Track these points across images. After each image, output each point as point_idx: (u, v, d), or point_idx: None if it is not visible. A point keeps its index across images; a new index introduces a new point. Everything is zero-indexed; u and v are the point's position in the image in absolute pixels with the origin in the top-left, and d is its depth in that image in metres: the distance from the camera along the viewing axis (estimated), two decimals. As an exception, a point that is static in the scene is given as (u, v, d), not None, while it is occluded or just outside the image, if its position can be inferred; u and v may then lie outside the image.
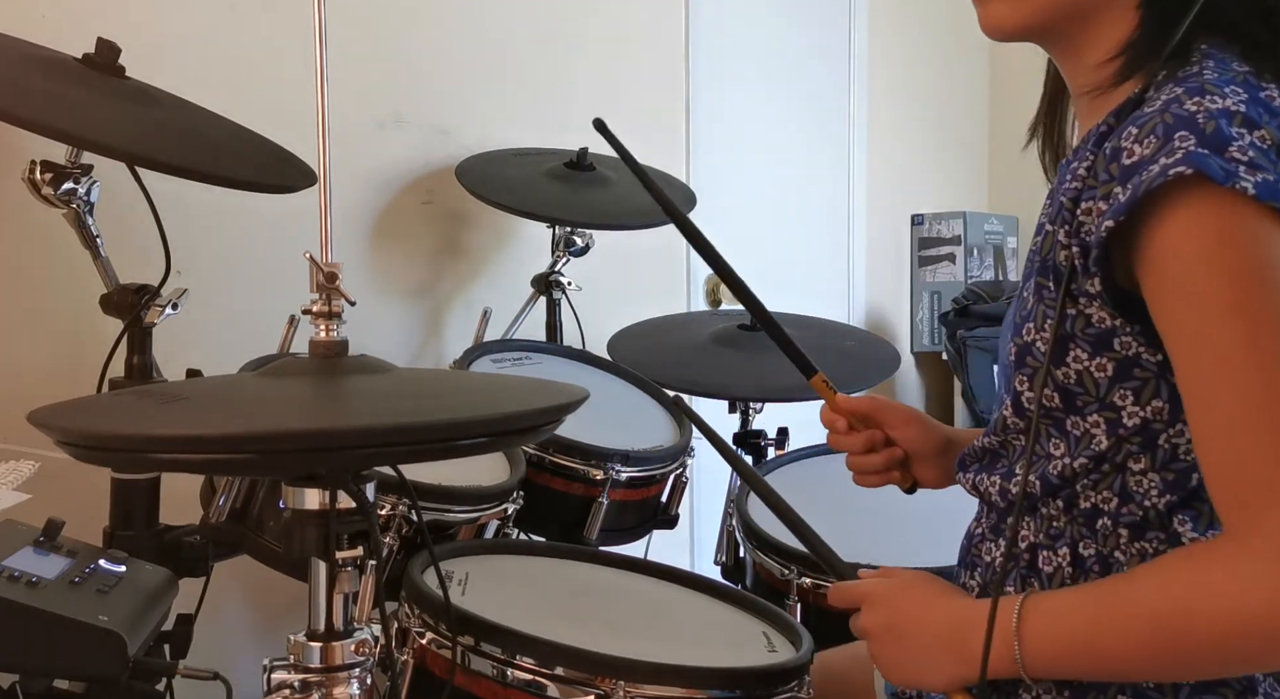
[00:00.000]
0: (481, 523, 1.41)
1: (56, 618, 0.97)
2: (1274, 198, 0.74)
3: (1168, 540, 0.85)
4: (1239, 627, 0.74)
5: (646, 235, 2.16)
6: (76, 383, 1.57)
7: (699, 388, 1.92)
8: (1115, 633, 0.80)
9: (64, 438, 0.80)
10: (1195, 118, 0.77)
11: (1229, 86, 0.79)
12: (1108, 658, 0.81)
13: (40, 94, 1.25)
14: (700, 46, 2.70)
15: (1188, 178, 0.75)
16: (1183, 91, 0.79)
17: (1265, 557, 0.73)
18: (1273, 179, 0.74)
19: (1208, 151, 0.75)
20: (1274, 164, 0.75)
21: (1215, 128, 0.76)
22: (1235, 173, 0.74)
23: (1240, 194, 0.74)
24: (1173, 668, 0.81)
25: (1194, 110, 0.77)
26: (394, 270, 2.11)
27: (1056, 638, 0.83)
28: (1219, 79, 0.80)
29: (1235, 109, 0.77)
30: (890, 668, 0.93)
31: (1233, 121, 0.76)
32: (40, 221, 1.51)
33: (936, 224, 3.44)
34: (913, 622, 0.91)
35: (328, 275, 0.95)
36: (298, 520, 0.91)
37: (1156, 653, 0.79)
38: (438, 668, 1.05)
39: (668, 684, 0.99)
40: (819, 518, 1.05)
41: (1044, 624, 0.83)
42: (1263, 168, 0.75)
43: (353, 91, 1.95)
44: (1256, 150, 0.75)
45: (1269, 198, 0.74)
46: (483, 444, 0.87)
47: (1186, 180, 0.75)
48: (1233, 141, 0.75)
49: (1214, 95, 0.78)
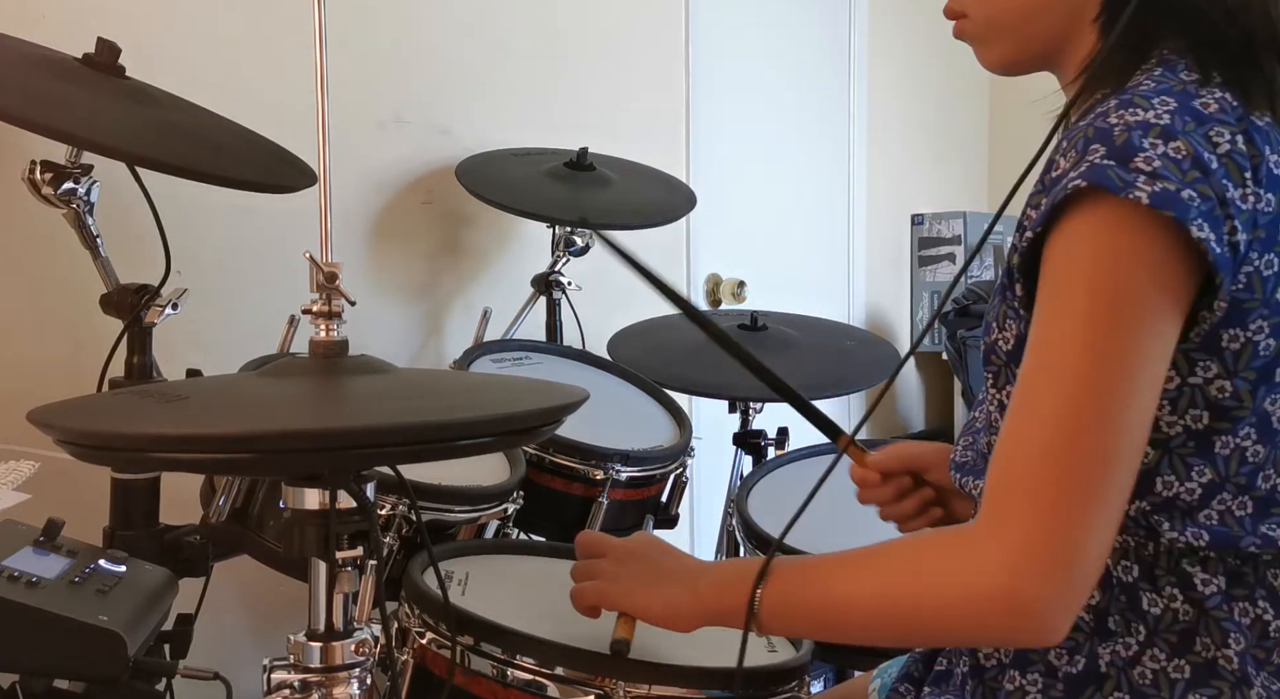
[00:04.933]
0: (481, 523, 1.41)
1: (56, 618, 0.97)
2: (1169, 206, 0.75)
3: (1147, 538, 0.85)
4: (971, 606, 0.78)
5: (646, 235, 2.16)
6: (76, 383, 1.57)
7: (699, 388, 1.92)
8: (849, 600, 0.86)
9: (64, 438, 0.80)
10: (1112, 131, 0.79)
11: (1158, 97, 0.80)
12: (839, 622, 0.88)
13: (40, 94, 1.25)
14: (700, 46, 2.70)
15: (1083, 190, 0.77)
16: (1115, 104, 0.81)
17: (1007, 545, 0.77)
18: (1173, 188, 0.75)
19: (1112, 162, 0.77)
20: (1184, 174, 0.76)
21: (1126, 139, 0.78)
22: (1133, 183, 0.76)
23: (1135, 203, 0.75)
24: (897, 637, 0.89)
25: (1114, 123, 0.79)
26: (394, 270, 2.11)
27: (792, 599, 0.90)
28: (1152, 90, 0.81)
29: (1155, 121, 0.78)
30: (607, 587, 0.98)
31: (1148, 133, 0.78)
32: (40, 221, 1.51)
33: (936, 224, 3.44)
34: (657, 551, 1.01)
35: (328, 275, 0.94)
36: (298, 520, 0.91)
37: (889, 623, 0.85)
38: (438, 668, 1.05)
39: (668, 684, 0.99)
40: (819, 518, 1.05)
41: (783, 583, 0.89)
42: (1165, 178, 0.76)
43: (353, 91, 1.95)
44: (1164, 161, 0.76)
45: (1163, 206, 0.75)
46: (483, 444, 0.87)
47: (1082, 192, 0.77)
48: (1140, 152, 0.77)
49: (1138, 107, 0.79)
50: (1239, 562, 0.85)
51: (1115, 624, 0.86)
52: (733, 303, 2.82)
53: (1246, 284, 0.80)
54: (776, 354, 1.90)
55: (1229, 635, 0.83)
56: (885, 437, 3.26)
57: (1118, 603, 0.86)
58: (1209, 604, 0.84)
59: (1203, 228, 0.76)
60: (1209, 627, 0.84)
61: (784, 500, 1.57)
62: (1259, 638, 0.84)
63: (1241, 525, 0.84)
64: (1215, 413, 0.83)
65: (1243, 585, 0.85)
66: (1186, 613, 0.84)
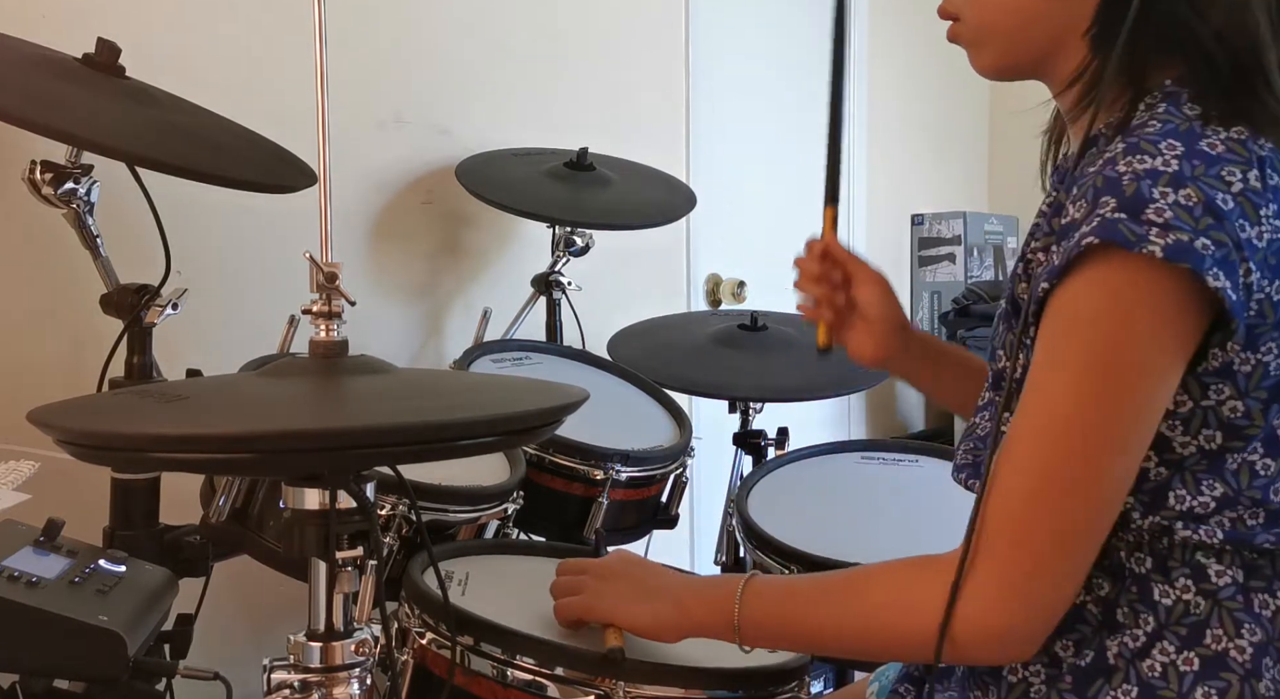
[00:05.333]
0: (481, 523, 1.41)
1: (56, 618, 0.97)
2: (1184, 258, 0.76)
3: (1162, 534, 0.86)
4: (950, 631, 0.83)
5: (646, 235, 2.16)
6: (76, 383, 1.57)
7: (699, 388, 1.92)
8: (829, 625, 0.92)
9: (64, 438, 0.80)
10: (1121, 180, 0.79)
11: (1165, 140, 0.80)
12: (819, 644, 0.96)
13: (40, 94, 1.25)
14: (700, 46, 2.70)
15: (1096, 246, 0.78)
16: (1123, 148, 0.81)
17: (992, 578, 0.82)
18: (1187, 239, 0.76)
19: (1124, 216, 0.77)
20: (1196, 222, 0.77)
21: (1135, 190, 0.78)
22: (1145, 236, 0.76)
23: (1148, 257, 0.76)
24: (873, 655, 0.95)
25: (1123, 171, 0.79)
26: (394, 270, 2.11)
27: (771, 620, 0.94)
28: (1159, 132, 0.81)
29: (1164, 169, 0.78)
30: (593, 602, 1.02)
31: (1158, 182, 0.78)
32: (40, 221, 1.51)
33: (936, 224, 3.44)
34: (639, 568, 1.06)
35: (328, 275, 0.94)
36: (298, 520, 0.91)
37: (866, 645, 0.91)
38: (438, 668, 1.05)
39: (668, 684, 0.99)
40: (818, 518, 1.05)
41: (765, 605, 0.94)
42: (1179, 228, 0.76)
43: (353, 91, 1.95)
44: (1177, 210, 0.77)
45: (1178, 258, 0.76)
46: (483, 444, 0.87)
47: (1095, 248, 0.78)
48: (1151, 203, 0.77)
49: (1146, 154, 0.79)
50: (1255, 555, 0.85)
51: (1124, 616, 0.86)
52: (733, 303, 2.82)
53: (1258, 311, 0.80)
54: (776, 354, 1.90)
55: (1243, 626, 0.84)
56: (886, 437, 3.26)
57: (1128, 594, 0.86)
58: (1222, 596, 0.84)
59: (1218, 276, 0.76)
60: (1222, 618, 0.84)
61: (784, 500, 1.57)
62: None
63: (1253, 530, 0.84)
64: (1228, 432, 0.84)
65: (1260, 577, 0.85)
66: (1198, 605, 0.85)
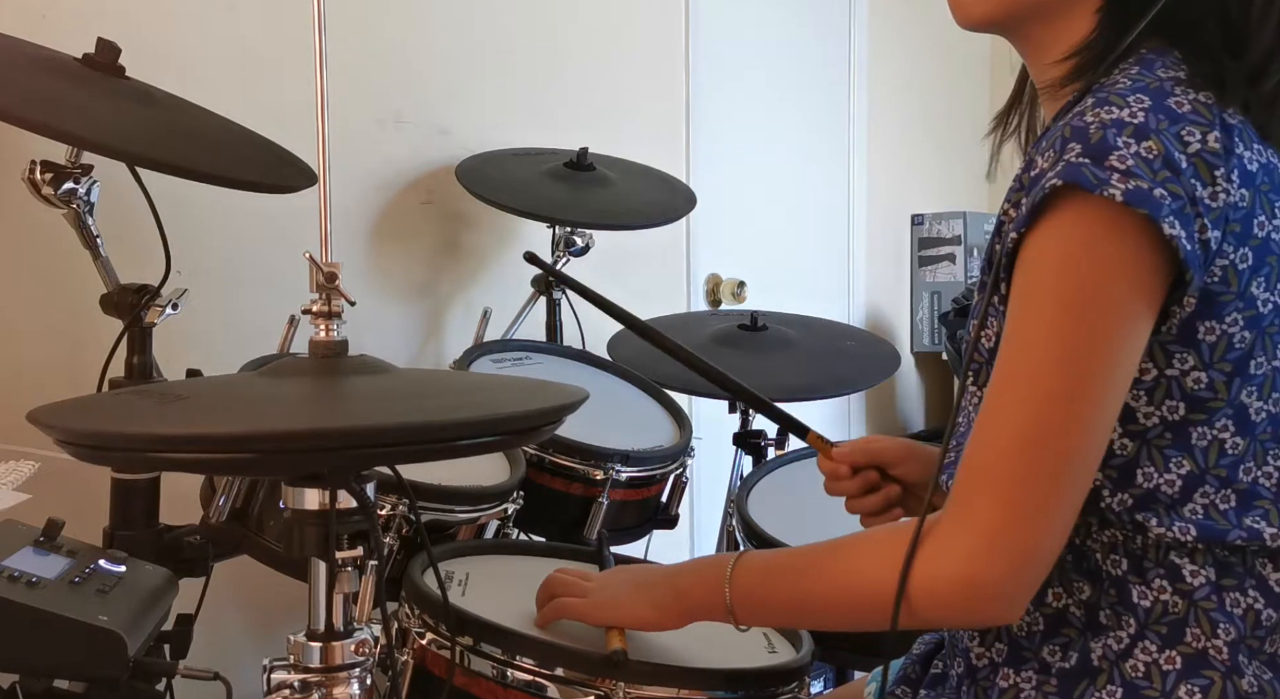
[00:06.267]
0: (481, 523, 1.41)
1: (56, 618, 0.97)
2: (1142, 203, 0.77)
3: (1135, 532, 0.86)
4: (936, 591, 0.83)
5: (646, 235, 2.15)
6: (76, 383, 1.57)
7: (699, 388, 1.92)
8: (818, 593, 0.91)
9: (64, 438, 0.80)
10: (1088, 129, 0.80)
11: (1134, 95, 0.81)
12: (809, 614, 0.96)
13: (40, 94, 1.25)
14: (700, 46, 2.70)
15: (1060, 188, 0.79)
16: (1092, 102, 0.82)
17: (971, 533, 0.82)
18: (1146, 187, 0.77)
19: (1087, 160, 0.78)
20: (1154, 174, 0.78)
21: (1101, 137, 0.79)
22: (1107, 180, 0.77)
23: (1109, 200, 0.77)
24: (863, 624, 0.92)
25: (1090, 121, 0.80)
26: (394, 270, 2.11)
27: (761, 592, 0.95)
28: (1128, 87, 0.82)
29: (1130, 120, 0.79)
30: (594, 610, 1.03)
31: (1122, 131, 0.79)
32: (40, 221, 1.51)
33: (936, 224, 3.44)
34: (628, 571, 1.07)
35: (328, 275, 0.94)
36: (298, 520, 0.91)
37: (856, 613, 0.90)
38: (438, 668, 1.05)
39: (668, 685, 0.99)
40: (818, 518, 1.05)
41: (752, 579, 0.94)
42: (1138, 176, 0.77)
43: (353, 91, 1.95)
44: (1137, 159, 0.78)
45: (1137, 203, 0.77)
46: (483, 444, 0.87)
47: (1059, 191, 0.79)
48: (1114, 150, 0.78)
49: (1114, 106, 0.80)
50: (1226, 553, 0.85)
51: (1106, 618, 0.87)
52: (733, 303, 2.82)
53: (1222, 277, 0.81)
54: (776, 354, 1.90)
55: (1218, 626, 0.84)
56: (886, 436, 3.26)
57: (1107, 597, 0.87)
58: (1197, 596, 0.85)
59: (1174, 225, 0.77)
60: (1198, 618, 0.85)
61: (784, 500, 1.57)
62: (1252, 627, 0.85)
63: (1226, 519, 0.84)
64: (1191, 404, 0.84)
65: (1232, 576, 0.85)
66: (1175, 605, 0.85)
